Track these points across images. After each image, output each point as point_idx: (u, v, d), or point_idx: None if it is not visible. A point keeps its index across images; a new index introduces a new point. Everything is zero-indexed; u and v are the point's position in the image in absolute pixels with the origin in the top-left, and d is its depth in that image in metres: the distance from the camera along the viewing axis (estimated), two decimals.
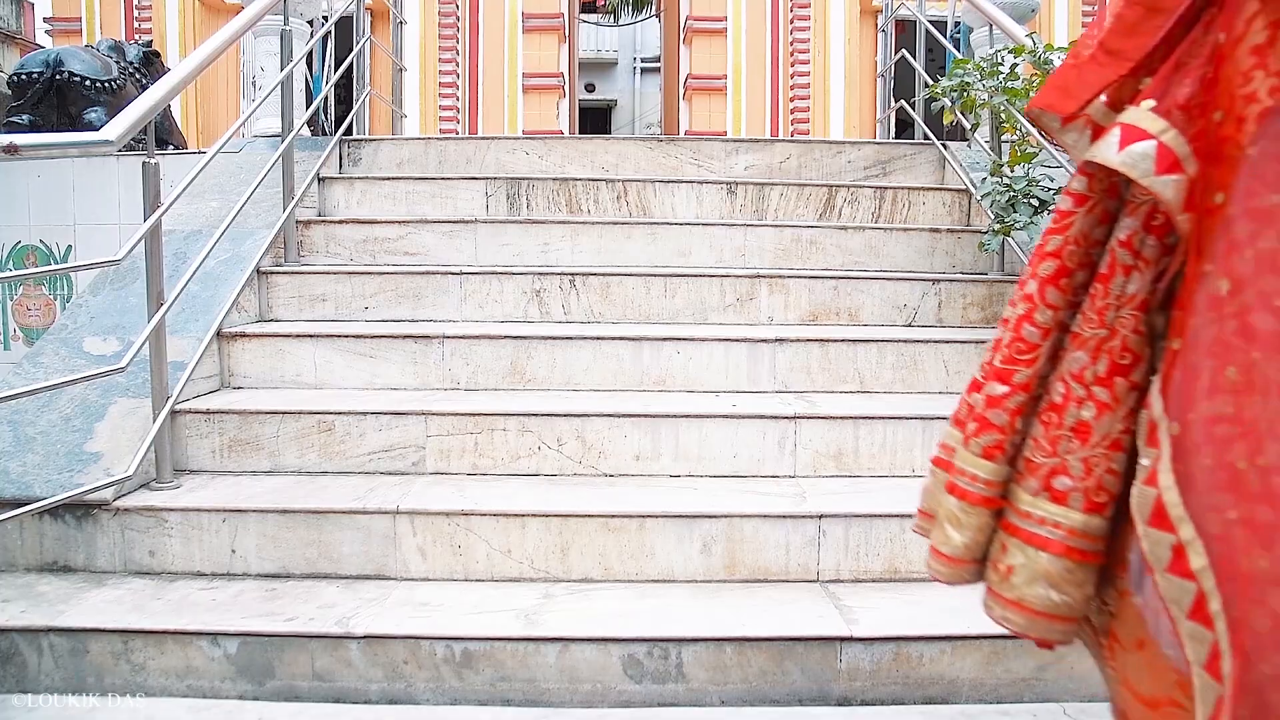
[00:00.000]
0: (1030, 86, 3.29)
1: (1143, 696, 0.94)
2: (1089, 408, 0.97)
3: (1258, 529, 0.74)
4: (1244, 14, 0.82)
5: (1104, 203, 0.96)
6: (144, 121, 2.38)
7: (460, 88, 8.95)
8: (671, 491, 2.43)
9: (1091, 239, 1.00)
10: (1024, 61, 3.31)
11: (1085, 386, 0.98)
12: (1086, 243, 1.00)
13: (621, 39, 21.82)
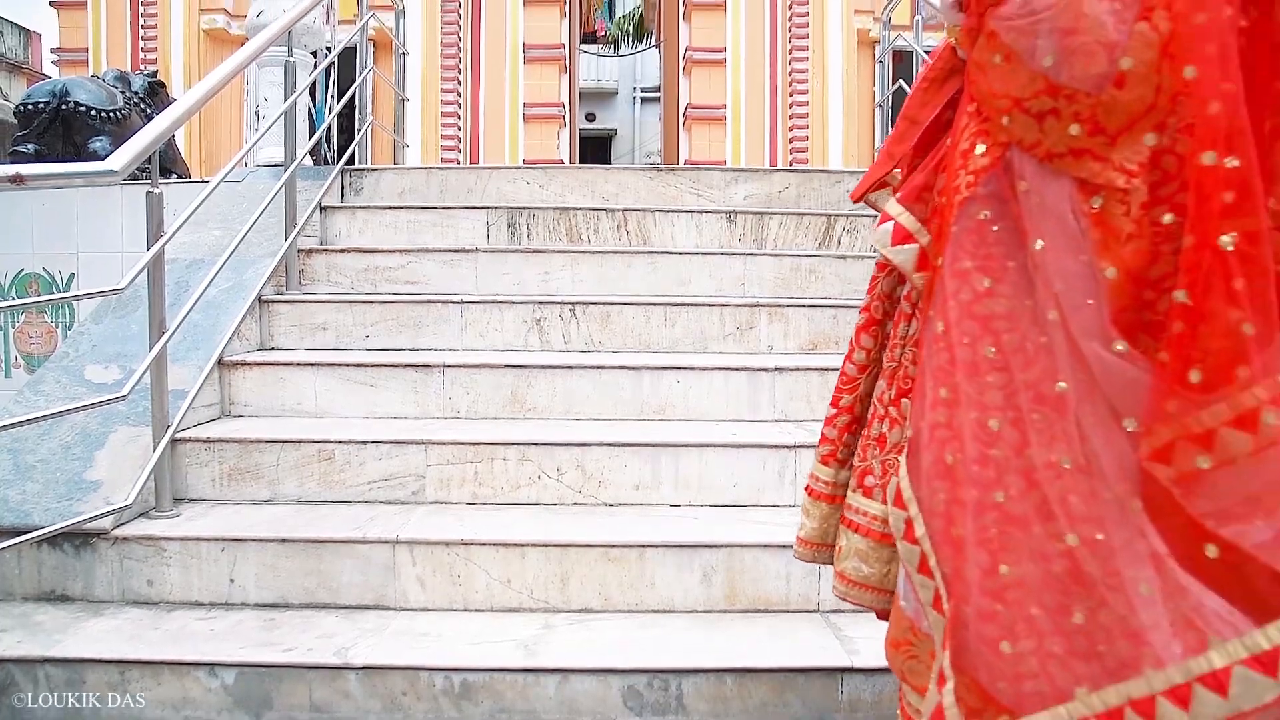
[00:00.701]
0: None
1: (889, 639, 1.26)
2: (886, 423, 1.30)
3: (962, 506, 1.03)
4: (960, 125, 1.13)
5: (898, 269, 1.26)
6: (149, 152, 2.40)
7: (462, 117, 9.03)
8: (672, 521, 2.43)
9: (893, 296, 1.33)
10: None
11: (884, 406, 1.31)
12: (889, 299, 1.33)
13: (622, 69, 22.03)
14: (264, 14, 5.15)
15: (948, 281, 1.08)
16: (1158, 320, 0.97)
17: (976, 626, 0.99)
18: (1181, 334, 0.91)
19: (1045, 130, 1.04)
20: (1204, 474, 0.90)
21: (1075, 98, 1.01)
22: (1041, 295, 1.01)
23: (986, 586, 0.99)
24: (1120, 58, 0.98)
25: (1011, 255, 1.06)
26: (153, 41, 8.96)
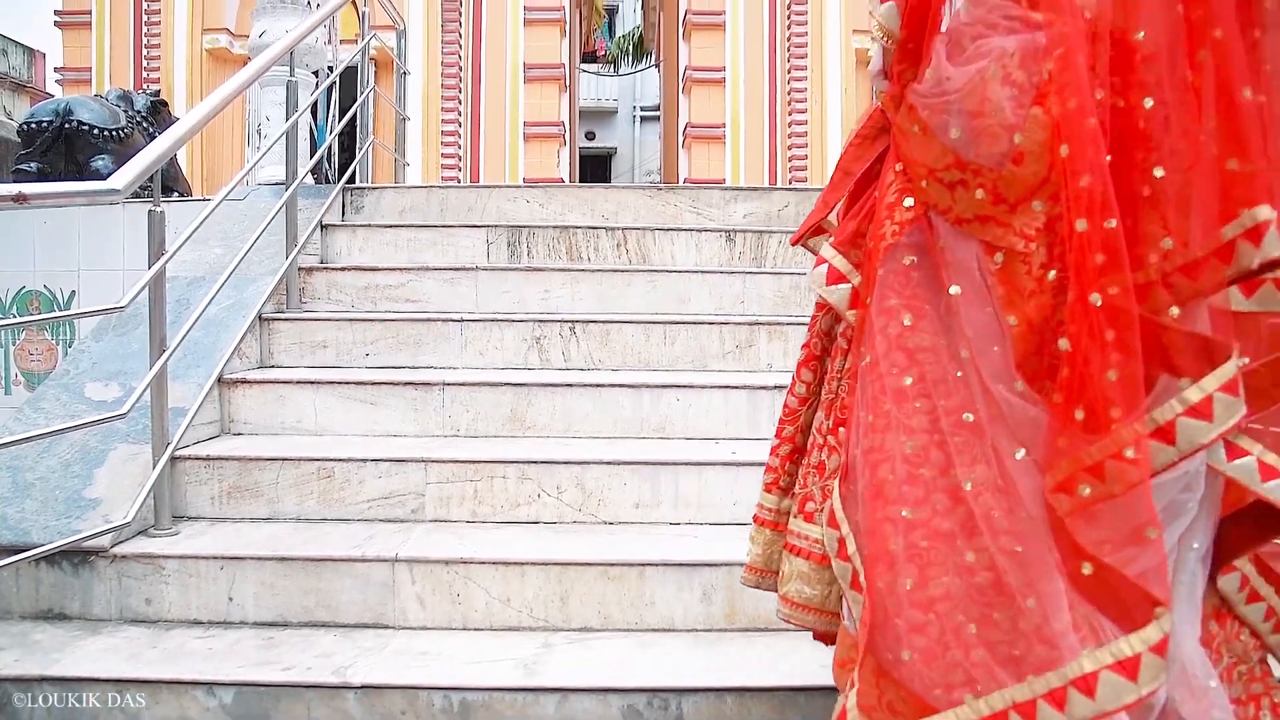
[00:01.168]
0: None
1: (836, 659, 1.35)
2: (825, 451, 1.40)
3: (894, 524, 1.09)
4: (886, 179, 1.26)
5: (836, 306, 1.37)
6: (151, 171, 2.42)
7: (462, 136, 9.08)
8: (671, 539, 2.43)
9: (831, 334, 1.44)
10: None
11: (822, 436, 1.41)
12: (827, 336, 1.45)
13: (621, 88, 22.17)
14: (266, 34, 5.19)
15: (876, 318, 1.20)
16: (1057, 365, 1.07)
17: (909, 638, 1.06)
18: (1068, 378, 1.04)
19: (955, 198, 1.17)
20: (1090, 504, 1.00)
21: (980, 171, 1.13)
22: (956, 334, 1.14)
23: (917, 599, 1.06)
24: (1017, 137, 1.11)
25: (931, 297, 1.18)
26: (156, 61, 9.02)
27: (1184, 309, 1.06)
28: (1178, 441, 1.02)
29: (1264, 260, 1.04)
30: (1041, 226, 1.12)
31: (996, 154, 1.12)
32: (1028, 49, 1.12)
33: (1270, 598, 1.26)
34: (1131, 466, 0.98)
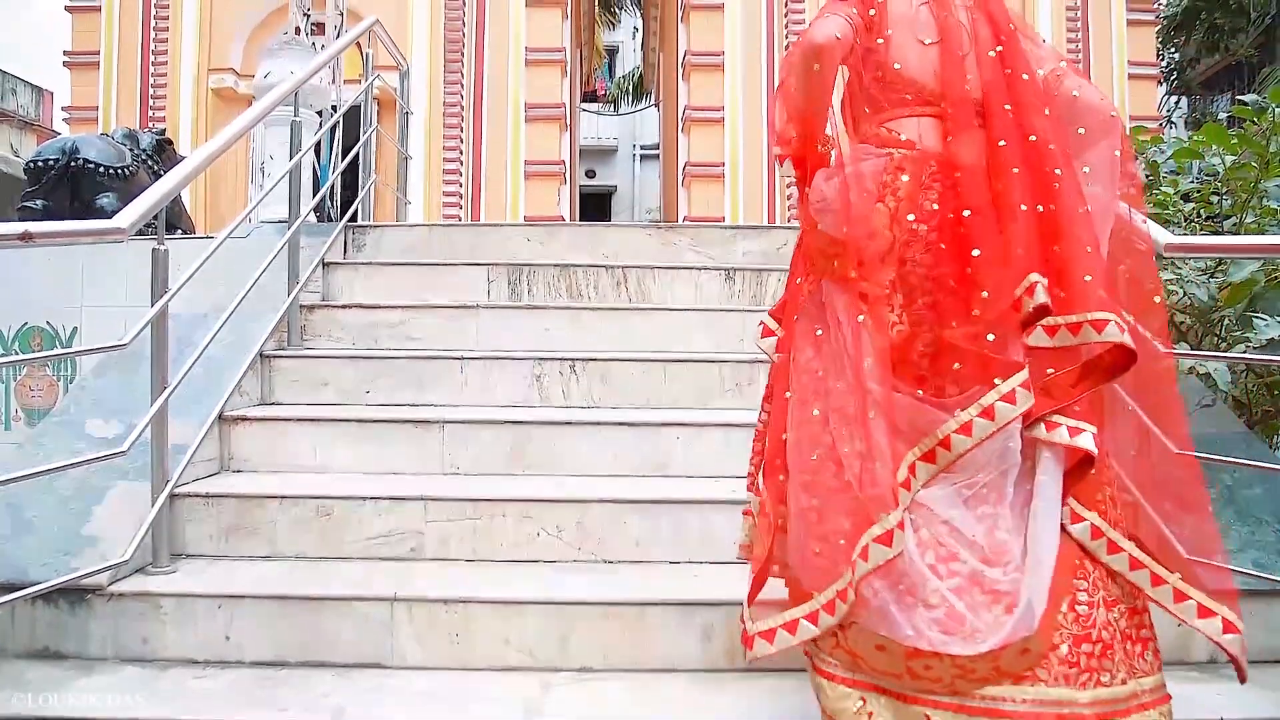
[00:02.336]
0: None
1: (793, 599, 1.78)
2: None
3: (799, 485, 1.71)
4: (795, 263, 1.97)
5: None
6: (155, 210, 2.44)
7: (464, 175, 9.15)
8: (672, 578, 2.42)
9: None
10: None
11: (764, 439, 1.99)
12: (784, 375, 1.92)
13: (621, 127, 22.40)
14: (271, 75, 5.26)
15: (797, 355, 1.85)
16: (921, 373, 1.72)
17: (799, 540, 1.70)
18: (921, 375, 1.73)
19: (835, 266, 1.80)
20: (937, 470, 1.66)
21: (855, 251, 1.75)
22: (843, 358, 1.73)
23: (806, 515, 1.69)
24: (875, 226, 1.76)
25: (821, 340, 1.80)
26: (162, 100, 9.12)
27: (998, 339, 1.65)
28: (996, 416, 1.61)
29: (1036, 305, 1.62)
30: (891, 280, 1.75)
31: (861, 235, 1.76)
32: (874, 169, 1.82)
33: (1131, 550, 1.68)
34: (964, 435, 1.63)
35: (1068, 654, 1.54)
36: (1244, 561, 2.34)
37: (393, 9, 8.73)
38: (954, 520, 1.63)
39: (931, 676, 1.55)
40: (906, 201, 1.77)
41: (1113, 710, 1.53)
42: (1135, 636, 1.63)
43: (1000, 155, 1.73)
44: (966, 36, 1.84)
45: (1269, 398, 3.10)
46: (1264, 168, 2.81)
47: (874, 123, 1.88)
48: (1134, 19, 9.82)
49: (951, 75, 1.82)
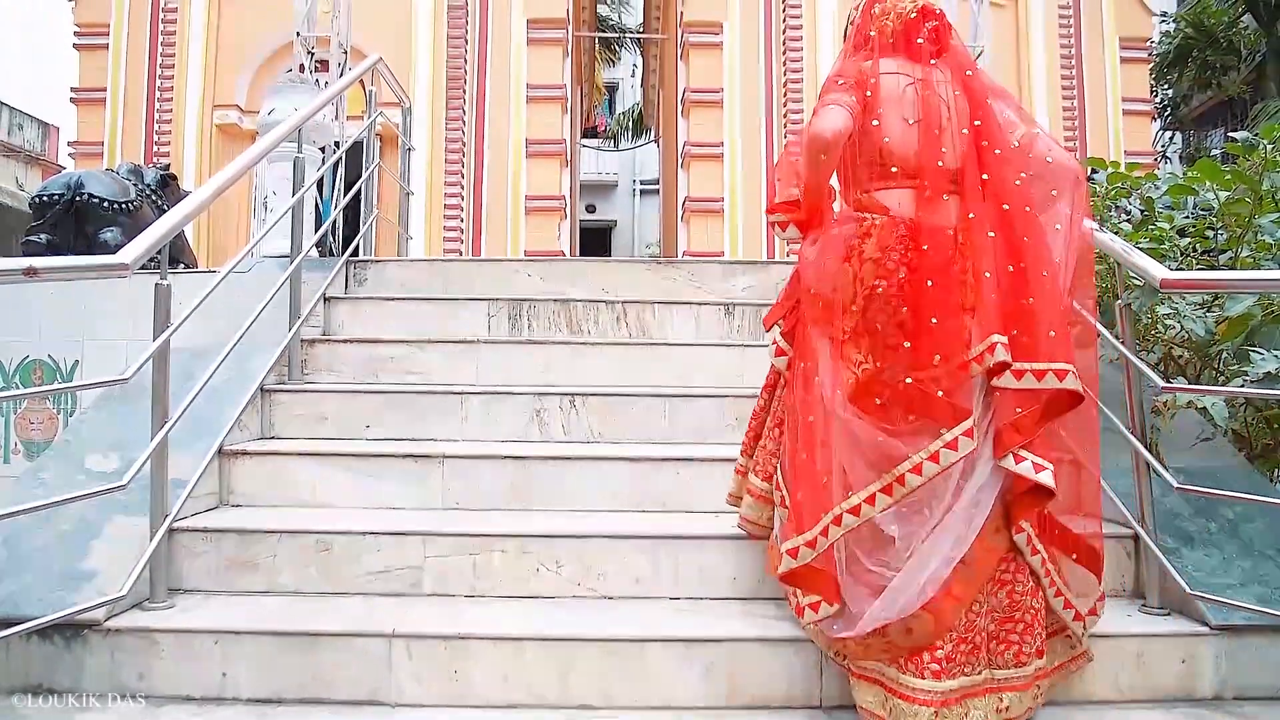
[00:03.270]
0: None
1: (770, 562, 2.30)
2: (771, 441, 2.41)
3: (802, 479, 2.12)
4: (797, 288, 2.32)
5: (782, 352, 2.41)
6: (159, 246, 2.45)
7: (465, 210, 9.22)
8: (672, 614, 2.40)
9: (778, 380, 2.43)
10: None
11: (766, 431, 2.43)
12: (776, 379, 2.43)
13: (621, 162, 22.58)
14: (275, 112, 5.33)
15: (796, 375, 2.25)
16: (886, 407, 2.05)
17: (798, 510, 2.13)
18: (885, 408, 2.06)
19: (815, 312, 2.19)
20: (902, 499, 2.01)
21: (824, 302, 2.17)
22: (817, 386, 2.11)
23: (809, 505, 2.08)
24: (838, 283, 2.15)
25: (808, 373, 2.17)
26: (167, 135, 9.21)
27: (946, 393, 1.99)
28: (941, 461, 1.97)
29: (996, 362, 1.96)
30: (853, 327, 2.11)
31: (827, 290, 2.16)
32: (847, 234, 2.17)
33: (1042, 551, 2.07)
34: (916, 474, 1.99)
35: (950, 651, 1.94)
36: (1247, 597, 2.33)
37: (395, 47, 8.85)
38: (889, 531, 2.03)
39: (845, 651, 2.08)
40: (870, 263, 2.10)
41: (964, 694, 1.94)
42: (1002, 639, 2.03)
43: (975, 222, 2.04)
44: (945, 112, 2.15)
45: (1268, 431, 3.10)
46: (1257, 203, 2.84)
47: (860, 189, 2.20)
48: (1127, 57, 9.96)
49: (929, 151, 2.12)
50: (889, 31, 2.25)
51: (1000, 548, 2.02)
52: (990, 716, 1.96)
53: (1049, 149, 2.17)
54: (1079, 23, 9.90)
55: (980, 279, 1.98)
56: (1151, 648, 2.28)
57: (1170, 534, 2.56)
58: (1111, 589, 2.57)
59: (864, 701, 2.02)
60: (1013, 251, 2.01)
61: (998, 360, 1.94)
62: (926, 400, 1.99)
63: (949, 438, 1.96)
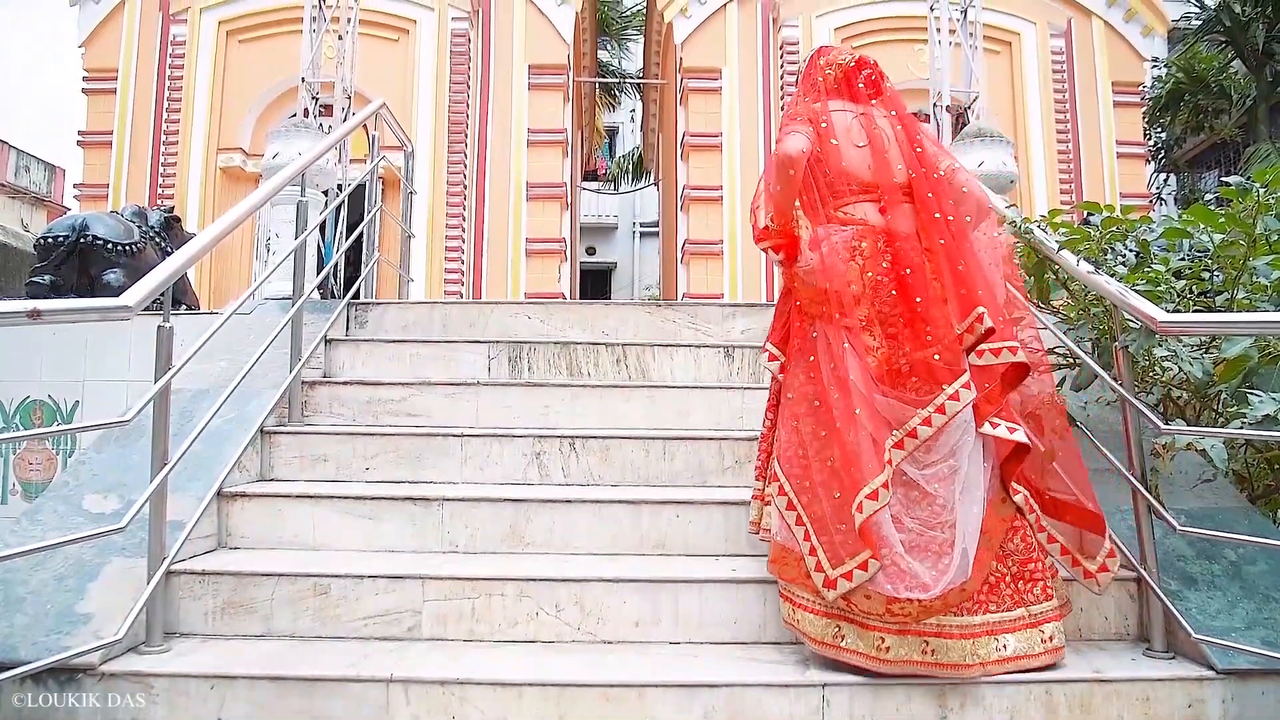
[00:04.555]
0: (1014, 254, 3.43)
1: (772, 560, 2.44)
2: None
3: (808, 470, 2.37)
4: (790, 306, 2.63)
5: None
6: (163, 288, 2.48)
7: (466, 252, 9.28)
8: (672, 659, 2.38)
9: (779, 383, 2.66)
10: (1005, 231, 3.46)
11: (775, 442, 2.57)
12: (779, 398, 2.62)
13: (621, 205, 22.74)
14: (280, 155, 5.39)
15: (791, 376, 2.54)
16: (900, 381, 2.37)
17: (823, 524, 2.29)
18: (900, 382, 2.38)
19: (824, 309, 2.46)
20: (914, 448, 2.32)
21: (839, 298, 2.43)
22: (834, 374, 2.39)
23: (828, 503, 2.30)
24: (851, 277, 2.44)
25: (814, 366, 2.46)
26: (171, 177, 9.29)
27: (943, 358, 2.33)
28: (947, 410, 2.30)
29: (984, 330, 2.34)
30: (865, 316, 2.42)
31: (842, 286, 2.43)
32: (844, 239, 2.48)
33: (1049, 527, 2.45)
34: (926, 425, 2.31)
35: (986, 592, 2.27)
36: (1252, 640, 2.31)
37: (399, 91, 8.97)
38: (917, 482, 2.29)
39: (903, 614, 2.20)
40: (868, 260, 2.46)
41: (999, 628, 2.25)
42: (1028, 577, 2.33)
43: (932, 227, 2.46)
44: (887, 140, 2.57)
45: (1269, 472, 3.09)
46: (1251, 246, 2.86)
47: (832, 207, 2.53)
48: (1120, 101, 10.09)
49: (882, 169, 2.53)
50: (831, 78, 2.70)
51: (1008, 515, 2.37)
52: (1036, 646, 2.25)
53: (965, 181, 2.56)
54: (1072, 68, 10.04)
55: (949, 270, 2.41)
56: (1157, 692, 2.26)
57: (1173, 576, 2.54)
58: (1115, 631, 2.56)
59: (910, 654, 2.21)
60: (960, 254, 2.42)
61: (986, 327, 2.33)
62: (929, 368, 2.33)
63: (951, 391, 2.30)
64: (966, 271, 2.40)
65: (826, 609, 2.27)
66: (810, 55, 2.83)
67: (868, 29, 9.73)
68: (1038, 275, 3.24)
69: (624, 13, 18.36)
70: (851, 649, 2.23)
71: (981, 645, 2.21)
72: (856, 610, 2.23)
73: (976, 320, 2.35)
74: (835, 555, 2.24)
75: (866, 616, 2.22)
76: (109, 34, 9.65)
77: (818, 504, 2.31)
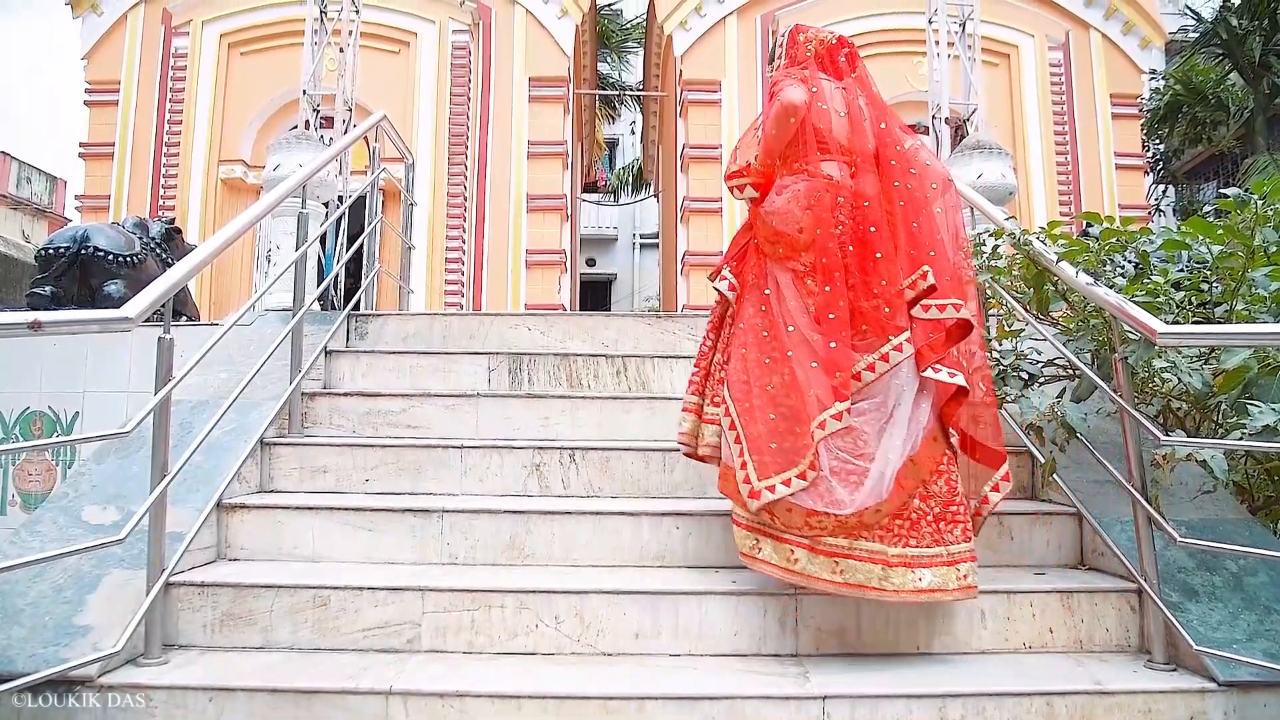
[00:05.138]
0: (1013, 265, 3.44)
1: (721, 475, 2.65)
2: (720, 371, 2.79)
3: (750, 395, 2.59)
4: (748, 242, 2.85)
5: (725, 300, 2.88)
6: (163, 300, 2.48)
7: (466, 264, 9.29)
8: (671, 671, 2.38)
9: (724, 316, 2.89)
10: (1005, 243, 3.46)
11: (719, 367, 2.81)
12: (721, 317, 2.90)
13: (621, 216, 22.78)
14: (281, 167, 5.39)
15: (744, 306, 2.75)
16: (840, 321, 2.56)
17: (757, 444, 2.52)
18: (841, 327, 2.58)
19: (778, 251, 2.70)
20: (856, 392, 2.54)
21: (784, 237, 2.67)
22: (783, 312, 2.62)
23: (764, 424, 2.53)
24: (803, 225, 2.64)
25: (766, 299, 2.68)
26: (173, 189, 9.32)
27: (891, 311, 2.57)
28: (890, 360, 2.55)
29: (925, 286, 2.59)
30: (810, 262, 2.63)
31: (793, 230, 2.66)
32: (808, 188, 2.68)
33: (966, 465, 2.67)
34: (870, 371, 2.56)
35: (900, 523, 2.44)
36: (1254, 652, 2.31)
37: (399, 103, 9.00)
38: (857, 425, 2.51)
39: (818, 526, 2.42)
40: (827, 212, 2.65)
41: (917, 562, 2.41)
42: (949, 519, 2.47)
43: (892, 192, 2.70)
44: (862, 113, 2.80)
45: (1270, 483, 3.09)
46: (1250, 257, 2.87)
47: (807, 161, 2.72)
48: (1118, 113, 10.13)
49: (858, 136, 2.76)
50: (815, 53, 2.91)
51: (938, 453, 2.53)
52: (951, 583, 2.40)
53: (927, 159, 2.81)
54: (1070, 80, 10.08)
55: (905, 231, 2.65)
56: (1158, 704, 2.25)
57: (1174, 588, 2.54)
58: (1116, 643, 2.56)
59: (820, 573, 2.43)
60: (915, 217, 2.67)
61: (929, 284, 2.58)
62: (878, 317, 2.57)
63: (896, 343, 2.56)
64: (919, 233, 2.64)
65: (750, 522, 2.51)
66: (789, 32, 3.03)
67: (867, 41, 9.76)
68: (1037, 286, 3.24)
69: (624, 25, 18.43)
70: (765, 559, 2.48)
71: (898, 575, 2.38)
72: (777, 524, 2.47)
73: (920, 277, 2.60)
74: (763, 470, 2.47)
75: (785, 530, 2.45)
76: (111, 46, 9.70)
77: (754, 425, 2.54)
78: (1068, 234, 3.35)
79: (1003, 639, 2.55)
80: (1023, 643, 2.55)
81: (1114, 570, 2.72)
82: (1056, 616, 2.57)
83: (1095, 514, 2.84)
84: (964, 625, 2.55)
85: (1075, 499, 2.93)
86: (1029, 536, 2.93)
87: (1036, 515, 2.96)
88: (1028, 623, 2.56)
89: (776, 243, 2.68)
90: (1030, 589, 2.60)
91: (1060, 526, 2.94)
